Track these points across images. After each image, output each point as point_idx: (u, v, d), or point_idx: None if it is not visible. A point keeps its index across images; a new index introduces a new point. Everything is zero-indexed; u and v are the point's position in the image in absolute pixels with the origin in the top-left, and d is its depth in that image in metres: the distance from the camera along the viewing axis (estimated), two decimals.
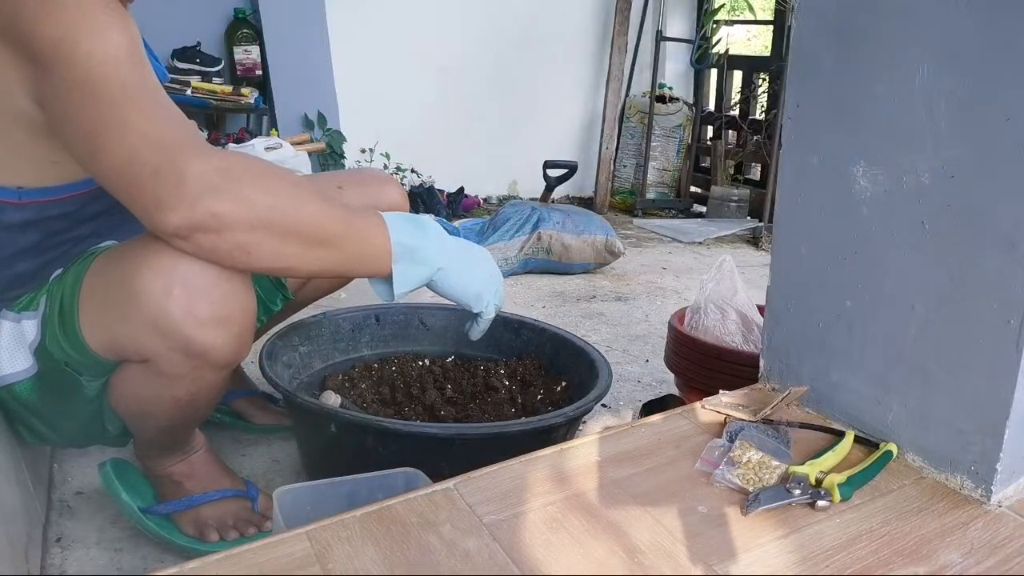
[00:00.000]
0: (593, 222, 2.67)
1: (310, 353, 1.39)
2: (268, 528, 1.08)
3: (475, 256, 1.06)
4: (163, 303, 0.85)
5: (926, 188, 0.84)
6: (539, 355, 1.46)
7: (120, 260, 0.91)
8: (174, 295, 0.85)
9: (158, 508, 1.07)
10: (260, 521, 1.10)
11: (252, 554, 0.70)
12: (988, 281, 0.80)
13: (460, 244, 1.04)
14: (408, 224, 0.97)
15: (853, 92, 0.90)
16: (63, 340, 0.93)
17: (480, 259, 1.07)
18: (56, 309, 0.94)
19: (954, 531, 0.78)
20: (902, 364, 0.89)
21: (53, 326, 0.94)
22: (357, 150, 3.37)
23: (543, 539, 0.74)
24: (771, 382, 1.07)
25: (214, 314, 0.88)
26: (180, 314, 0.86)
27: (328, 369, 1.41)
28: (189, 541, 1.06)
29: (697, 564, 0.71)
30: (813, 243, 0.98)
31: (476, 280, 1.05)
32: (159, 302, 0.85)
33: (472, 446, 1.08)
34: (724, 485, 0.83)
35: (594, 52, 3.88)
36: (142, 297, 0.85)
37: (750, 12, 3.98)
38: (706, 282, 1.45)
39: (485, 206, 3.62)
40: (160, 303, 0.85)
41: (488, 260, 1.08)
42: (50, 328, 0.95)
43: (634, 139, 3.93)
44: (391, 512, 0.77)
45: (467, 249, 1.06)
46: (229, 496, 1.11)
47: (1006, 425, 0.80)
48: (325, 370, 1.41)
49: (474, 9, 3.54)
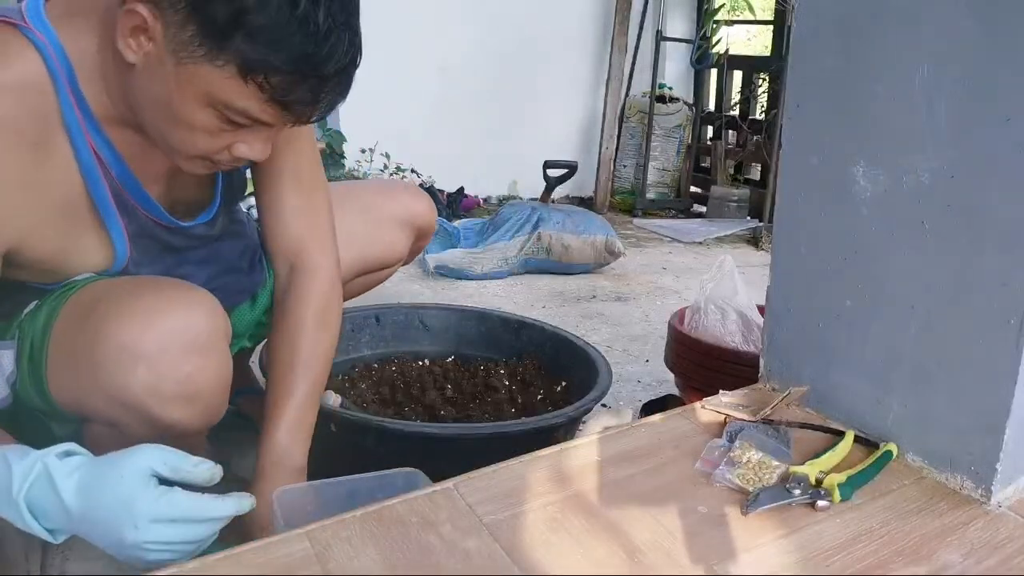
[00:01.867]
0: (593, 222, 2.67)
1: None
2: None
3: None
4: (126, 380, 0.80)
5: (926, 188, 0.84)
6: (539, 355, 1.46)
7: (87, 318, 0.84)
8: (138, 373, 0.79)
9: None
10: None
11: (252, 554, 0.70)
12: (988, 281, 0.80)
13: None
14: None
15: (853, 92, 0.90)
16: (31, 388, 0.89)
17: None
18: (26, 354, 0.89)
19: (954, 531, 0.77)
20: (902, 364, 0.89)
21: (23, 371, 0.89)
22: (357, 150, 3.37)
23: (543, 539, 0.73)
24: (771, 382, 1.07)
25: (181, 391, 0.82)
26: (143, 392, 0.80)
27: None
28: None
29: (697, 564, 0.71)
30: (813, 243, 0.98)
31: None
32: (123, 379, 0.80)
33: (472, 446, 1.08)
34: (724, 485, 0.83)
35: (594, 52, 3.88)
36: (105, 370, 0.80)
37: (750, 12, 3.98)
38: (706, 282, 1.45)
39: (485, 206, 3.62)
40: (123, 380, 0.80)
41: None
42: (21, 371, 0.90)
43: (634, 139, 3.93)
44: (391, 512, 0.77)
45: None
46: None
47: (1006, 425, 0.80)
48: None
49: (474, 9, 3.53)
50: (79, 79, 0.82)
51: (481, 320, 1.53)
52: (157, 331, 0.80)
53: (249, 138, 0.83)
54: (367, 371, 1.43)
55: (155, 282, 0.90)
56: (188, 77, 0.77)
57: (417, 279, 2.50)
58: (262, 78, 0.76)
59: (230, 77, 0.76)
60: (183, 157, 0.86)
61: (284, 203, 1.06)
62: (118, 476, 0.71)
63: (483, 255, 2.53)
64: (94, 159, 0.85)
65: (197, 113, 0.79)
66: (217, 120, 0.80)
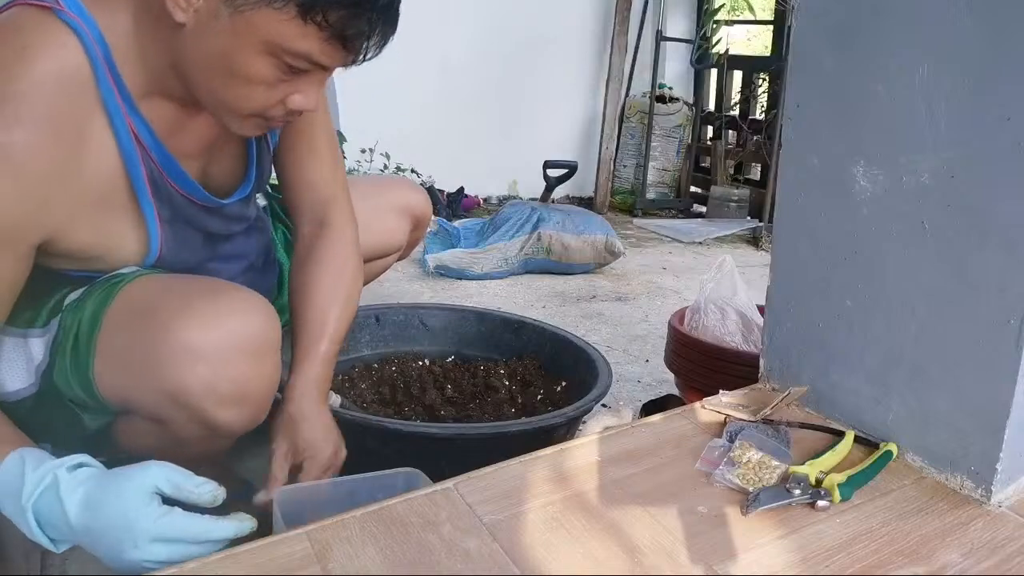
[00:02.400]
0: (593, 222, 2.67)
1: None
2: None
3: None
4: (185, 378, 0.81)
5: (926, 188, 0.84)
6: (539, 355, 1.46)
7: (145, 314, 0.85)
8: (198, 371, 0.81)
9: None
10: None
11: (252, 554, 0.70)
12: (988, 281, 0.80)
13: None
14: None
15: (853, 92, 0.90)
16: (72, 378, 0.89)
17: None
18: (69, 343, 0.88)
19: (954, 531, 0.77)
20: (902, 364, 0.89)
21: (64, 359, 0.89)
22: (357, 150, 3.37)
23: (543, 539, 0.73)
24: (771, 382, 1.07)
25: (235, 392, 0.84)
26: (201, 391, 0.82)
27: None
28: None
29: (697, 564, 0.71)
30: (813, 243, 0.98)
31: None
32: (181, 376, 0.81)
33: (472, 446, 1.08)
34: (724, 485, 0.83)
35: (594, 52, 3.88)
36: (164, 367, 0.81)
37: (750, 12, 3.98)
38: (706, 282, 1.45)
39: (485, 206, 3.62)
40: (182, 377, 0.81)
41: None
42: (60, 360, 0.89)
43: (634, 139, 3.93)
44: (391, 512, 0.77)
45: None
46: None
47: (1006, 425, 0.80)
48: None
49: (474, 9, 3.53)
50: (115, 59, 0.82)
51: (481, 320, 1.53)
52: (219, 332, 0.82)
53: (304, 86, 0.85)
54: (367, 371, 1.43)
55: (213, 283, 0.91)
56: (245, 26, 0.78)
57: (417, 279, 2.50)
58: (320, 16, 0.77)
59: (289, 19, 0.77)
60: (238, 117, 0.86)
61: (315, 165, 1.10)
62: (121, 493, 0.72)
63: (483, 255, 2.53)
64: (134, 142, 0.85)
65: (255, 63, 0.80)
66: (275, 69, 0.81)
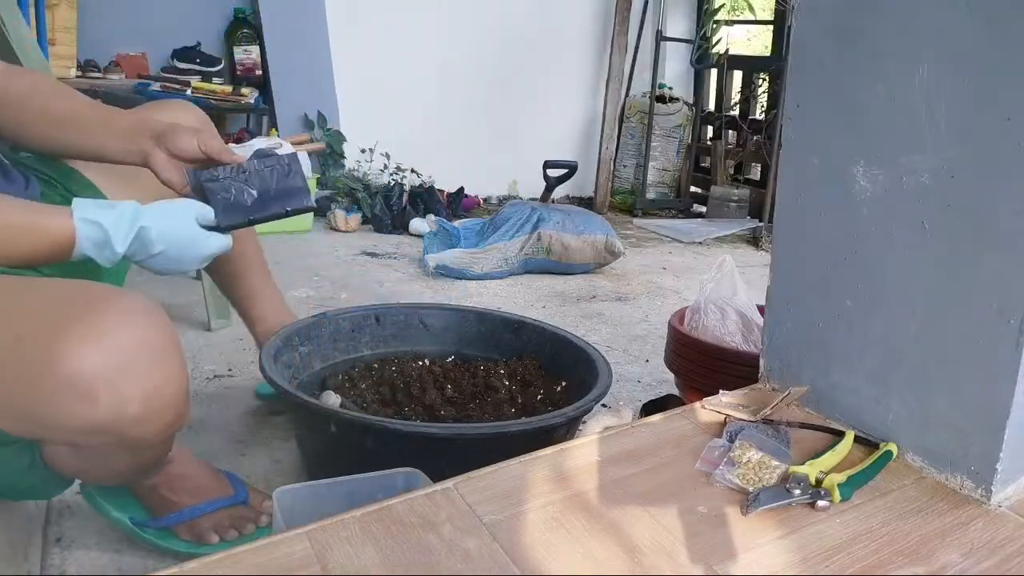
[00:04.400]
0: (593, 222, 2.67)
1: (310, 353, 1.39)
2: (265, 523, 1.08)
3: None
4: (86, 410, 0.71)
5: (926, 188, 0.84)
6: (539, 355, 1.46)
7: (17, 346, 0.73)
8: (100, 402, 0.71)
9: (152, 524, 1.06)
10: (256, 516, 1.09)
11: (252, 554, 0.70)
12: (988, 281, 0.80)
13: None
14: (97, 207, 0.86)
15: (853, 92, 0.90)
16: None
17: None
18: None
19: (954, 531, 0.78)
20: (902, 364, 0.89)
21: None
22: (357, 150, 3.37)
23: (543, 539, 0.73)
24: (771, 382, 1.07)
25: (147, 407, 0.75)
26: (110, 418, 0.73)
27: (328, 369, 1.41)
28: (188, 546, 1.06)
29: (697, 564, 0.71)
30: (813, 243, 0.98)
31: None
32: (81, 409, 0.71)
33: (472, 446, 1.08)
34: (724, 485, 0.83)
35: (594, 52, 3.88)
36: (62, 404, 0.71)
37: (750, 12, 3.98)
38: (706, 282, 1.45)
39: (485, 206, 3.62)
40: (82, 410, 0.71)
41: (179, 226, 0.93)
42: None
43: (634, 139, 3.93)
44: (391, 512, 0.77)
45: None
46: (221, 506, 1.10)
47: (1006, 425, 0.80)
48: (325, 370, 1.41)
49: (474, 9, 3.54)
50: None
51: (481, 320, 1.53)
52: (112, 351, 0.72)
53: None
54: (367, 371, 1.43)
55: (75, 293, 0.79)
56: None
57: (417, 279, 2.50)
58: None
59: None
60: None
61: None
62: (184, 225, 0.92)
63: (483, 255, 2.53)
64: None
65: None
66: None
